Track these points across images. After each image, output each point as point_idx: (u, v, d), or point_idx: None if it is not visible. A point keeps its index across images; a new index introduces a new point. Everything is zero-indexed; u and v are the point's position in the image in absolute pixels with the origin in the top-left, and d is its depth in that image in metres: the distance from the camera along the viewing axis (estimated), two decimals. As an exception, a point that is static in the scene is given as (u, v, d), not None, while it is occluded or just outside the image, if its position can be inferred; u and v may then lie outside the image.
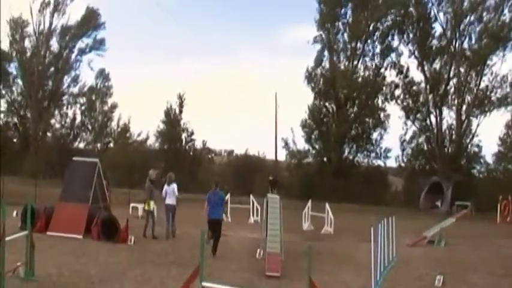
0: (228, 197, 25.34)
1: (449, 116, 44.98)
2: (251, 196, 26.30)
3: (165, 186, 16.76)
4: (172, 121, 52.26)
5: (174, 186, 16.66)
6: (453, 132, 44.90)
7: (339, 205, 38.84)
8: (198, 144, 55.06)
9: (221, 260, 12.59)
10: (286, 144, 50.37)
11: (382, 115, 47.74)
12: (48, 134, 53.07)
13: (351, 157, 49.19)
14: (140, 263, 11.45)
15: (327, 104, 49.44)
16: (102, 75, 54.05)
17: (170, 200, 16.51)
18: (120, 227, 14.43)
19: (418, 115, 46.14)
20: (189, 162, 52.35)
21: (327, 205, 22.13)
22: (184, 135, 53.85)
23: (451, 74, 44.15)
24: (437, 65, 44.66)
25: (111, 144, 54.60)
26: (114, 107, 54.02)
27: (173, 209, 16.58)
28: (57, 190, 21.25)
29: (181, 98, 52.89)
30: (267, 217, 13.88)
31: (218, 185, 14.53)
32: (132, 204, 24.36)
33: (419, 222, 26.31)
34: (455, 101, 44.07)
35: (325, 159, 49.07)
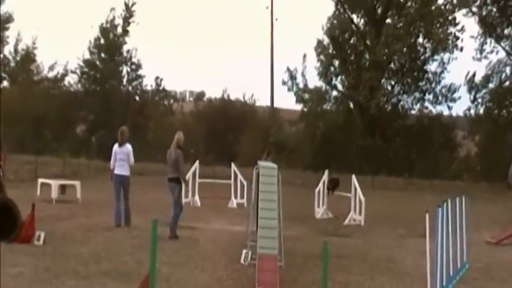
0: (195, 167, 25.45)
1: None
2: (233, 166, 26.36)
3: (115, 148, 17.07)
4: (109, 46, 51.88)
5: (129, 148, 17.10)
6: None
7: (375, 179, 39.14)
8: (149, 84, 55.00)
9: (185, 267, 12.63)
10: (292, 78, 50.18)
11: (444, 32, 47.47)
12: None
13: (393, 101, 49.36)
14: (55, 276, 11.43)
15: (354, 15, 49.29)
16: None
17: (122, 169, 17.00)
18: (20, 216, 14.36)
19: (508, 30, 45.84)
20: (134, 112, 52.37)
21: (355, 179, 22.17)
22: (126, 70, 53.71)
23: None
24: None
25: (5, 83, 54.27)
26: (6, 21, 53.41)
27: (127, 182, 17.12)
28: None
29: (129, 10, 52.31)
30: (257, 199, 13.87)
31: (270, 154, 18.56)
32: (41, 180, 24.31)
33: (507, 206, 26.51)
34: None
35: (352, 104, 49.15)
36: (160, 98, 55.80)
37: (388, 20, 48.19)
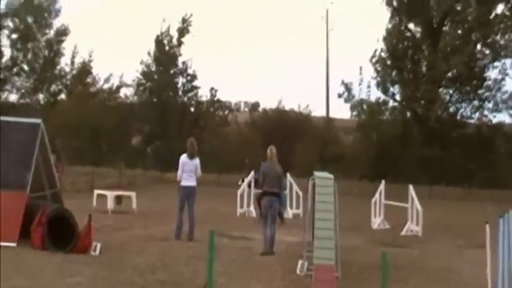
0: (250, 177, 25.48)
1: None
2: (288, 176, 26.30)
3: (184, 159, 17.12)
4: (163, 58, 52.35)
5: (198, 160, 17.28)
6: None
7: (432, 189, 38.70)
8: (204, 95, 55.29)
9: (241, 278, 12.64)
10: (348, 90, 50.11)
11: (506, 38, 46.70)
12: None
13: (451, 110, 48.80)
14: (112, 286, 11.54)
15: (412, 24, 48.91)
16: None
17: (191, 180, 17.06)
18: (77, 227, 14.54)
19: None
20: (190, 123, 52.69)
21: (412, 189, 22.00)
22: (181, 81, 54.10)
23: None
24: None
25: (63, 96, 55.03)
26: (62, 33, 54.24)
27: (194, 193, 17.20)
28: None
29: (185, 21, 52.65)
30: (314, 209, 13.85)
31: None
32: (97, 192, 24.57)
33: None
34: None
35: (409, 114, 48.79)
36: (215, 109, 56.08)
37: (446, 28, 47.76)
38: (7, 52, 53.06)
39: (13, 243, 14.24)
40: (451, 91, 48.68)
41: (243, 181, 25.17)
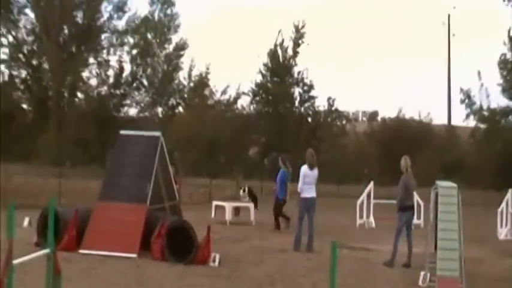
0: (369, 187, 25.26)
1: None
2: (409, 186, 25.90)
3: (305, 170, 17.05)
4: (279, 69, 52.56)
5: (317, 171, 17.22)
6: None
7: None
8: (321, 105, 55.15)
9: (361, 289, 12.54)
10: (469, 98, 49.14)
11: None
12: (79, 96, 55.15)
13: None
14: (231, 297, 11.65)
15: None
16: (162, -2, 55.19)
17: (312, 192, 17.03)
18: (197, 239, 14.72)
19: None
20: (307, 134, 52.58)
21: (542, 197, 21.35)
22: (298, 91, 54.16)
23: None
24: None
25: (180, 109, 55.87)
26: (181, 48, 55.20)
27: (315, 204, 17.18)
28: (95, 183, 22.14)
29: (298, 31, 52.85)
30: (436, 219, 13.62)
31: (286, 162, 22.59)
32: (215, 203, 24.83)
33: None
34: None
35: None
36: (332, 119, 55.77)
37: None
38: (127, 67, 54.47)
39: (134, 255, 14.55)
40: None
41: (244, 191, 24.68)
